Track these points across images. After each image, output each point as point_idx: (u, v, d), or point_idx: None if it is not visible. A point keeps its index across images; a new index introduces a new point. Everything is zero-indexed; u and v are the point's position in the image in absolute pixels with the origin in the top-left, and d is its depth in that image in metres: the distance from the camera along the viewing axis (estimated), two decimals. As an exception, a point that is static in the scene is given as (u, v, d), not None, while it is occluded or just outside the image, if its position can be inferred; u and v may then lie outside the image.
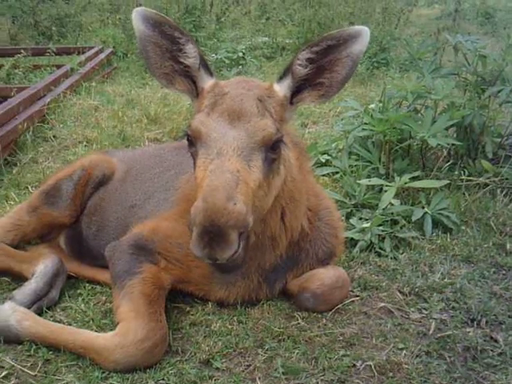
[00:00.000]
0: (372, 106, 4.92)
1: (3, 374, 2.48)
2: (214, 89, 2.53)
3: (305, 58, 2.50)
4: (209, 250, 2.14)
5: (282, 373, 2.50)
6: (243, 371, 2.53)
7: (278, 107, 2.51)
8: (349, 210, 3.98)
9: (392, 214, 3.80)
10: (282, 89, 2.56)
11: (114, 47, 10.66)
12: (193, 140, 2.43)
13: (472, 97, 4.60)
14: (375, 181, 4.07)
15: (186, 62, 2.56)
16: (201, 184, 2.26)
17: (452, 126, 4.44)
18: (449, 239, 3.74)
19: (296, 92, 2.58)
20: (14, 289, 3.07)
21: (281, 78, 2.59)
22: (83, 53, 9.28)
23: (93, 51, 9.50)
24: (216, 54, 9.33)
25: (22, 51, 8.43)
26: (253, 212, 2.31)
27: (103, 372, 2.47)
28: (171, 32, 2.51)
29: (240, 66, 9.13)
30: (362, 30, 2.46)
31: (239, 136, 2.33)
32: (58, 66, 8.41)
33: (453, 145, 4.45)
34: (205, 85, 2.58)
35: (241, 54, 9.41)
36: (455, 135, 4.63)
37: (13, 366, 2.53)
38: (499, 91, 4.41)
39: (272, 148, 2.41)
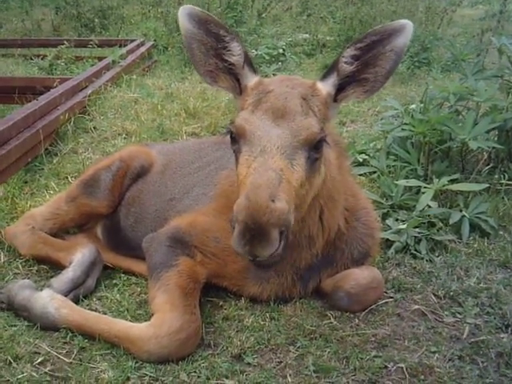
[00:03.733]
0: (413, 106, 4.87)
1: (39, 359, 2.53)
2: (258, 86, 2.53)
3: (350, 55, 2.50)
4: (250, 247, 2.15)
5: (313, 371, 2.50)
6: (274, 367, 2.54)
7: (322, 106, 2.51)
8: (385, 210, 3.94)
9: (429, 216, 3.75)
10: (325, 87, 2.55)
11: (154, 40, 10.73)
12: (236, 137, 2.43)
13: (515, 100, 4.52)
14: (413, 182, 4.03)
15: (231, 59, 2.57)
16: (243, 181, 2.27)
17: (493, 129, 4.38)
18: (486, 243, 3.68)
19: (340, 89, 2.58)
20: (51, 276, 3.14)
21: (324, 76, 2.58)
22: (125, 45, 9.34)
23: (134, 44, 9.57)
24: (256, 50, 9.32)
25: (65, 42, 8.55)
26: (294, 210, 2.31)
27: (137, 362, 2.51)
28: (216, 30, 2.52)
29: (280, 63, 9.12)
30: (406, 23, 2.45)
31: (283, 134, 2.33)
32: (100, 58, 8.49)
33: (493, 148, 4.39)
34: (248, 82, 2.58)
35: (281, 51, 9.39)
36: (496, 138, 4.56)
37: (49, 352, 2.58)
38: (543, 95, 4.33)
39: (315, 147, 2.41)
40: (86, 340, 2.64)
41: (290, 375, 2.49)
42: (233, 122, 2.45)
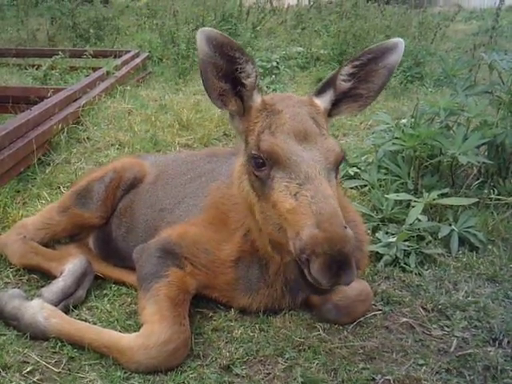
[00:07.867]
0: (404, 121, 4.90)
1: (28, 369, 2.53)
2: (264, 106, 2.55)
3: (347, 73, 2.56)
4: (336, 278, 2.16)
5: (301, 382, 2.51)
6: (263, 379, 2.55)
7: (325, 122, 2.55)
8: (375, 223, 3.97)
9: (419, 229, 3.78)
10: (322, 103, 2.60)
11: (149, 52, 10.75)
12: (266, 162, 2.41)
13: (505, 116, 4.55)
14: (403, 196, 4.05)
15: (245, 81, 2.52)
16: (298, 210, 2.25)
17: (483, 144, 4.42)
18: (475, 258, 3.71)
19: (333, 104, 2.63)
20: (42, 286, 3.15)
21: (320, 92, 2.63)
22: (119, 56, 9.36)
23: (129, 55, 9.58)
24: (250, 63, 9.33)
25: (60, 52, 8.56)
26: None
27: (125, 372, 2.51)
28: (232, 52, 2.43)
29: (273, 75, 9.13)
30: (398, 41, 2.57)
31: (317, 158, 2.35)
32: (95, 69, 8.49)
33: (483, 163, 4.42)
34: (253, 103, 2.58)
35: (275, 64, 9.40)
36: (486, 153, 4.60)
37: (38, 361, 2.58)
38: (533, 111, 4.38)
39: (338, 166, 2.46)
40: (75, 350, 2.65)
41: (278, 386, 2.50)
42: (258, 148, 2.42)
